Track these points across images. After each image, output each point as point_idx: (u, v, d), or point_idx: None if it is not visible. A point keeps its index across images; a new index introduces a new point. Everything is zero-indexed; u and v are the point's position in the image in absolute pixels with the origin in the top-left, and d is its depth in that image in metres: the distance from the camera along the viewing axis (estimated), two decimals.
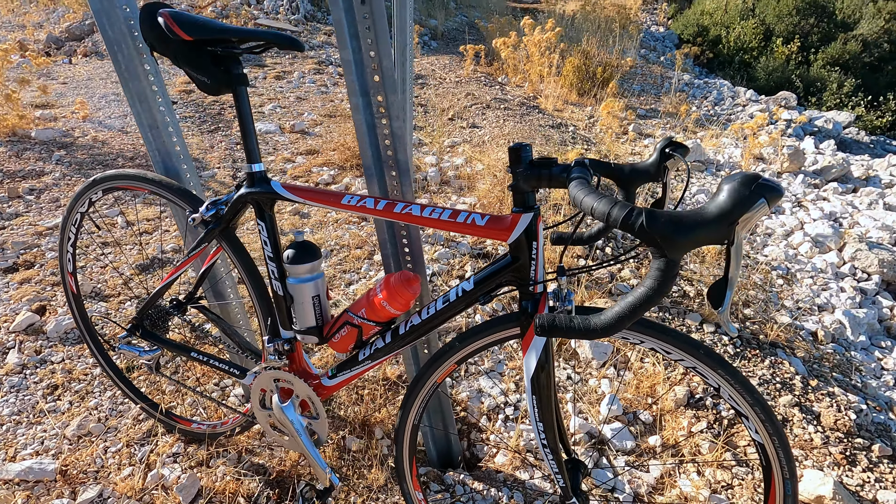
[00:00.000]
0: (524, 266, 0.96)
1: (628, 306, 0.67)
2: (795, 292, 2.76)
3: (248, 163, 1.15)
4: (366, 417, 1.69)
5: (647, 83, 7.58)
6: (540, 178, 0.90)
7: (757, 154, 4.85)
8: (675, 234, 0.62)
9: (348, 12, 1.03)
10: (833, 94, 8.74)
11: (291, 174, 3.54)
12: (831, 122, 6.43)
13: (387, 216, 1.04)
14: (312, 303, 1.18)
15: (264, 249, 1.20)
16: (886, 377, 2.24)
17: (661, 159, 1.00)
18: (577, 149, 4.37)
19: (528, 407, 1.03)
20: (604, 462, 1.67)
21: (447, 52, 7.81)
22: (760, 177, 0.60)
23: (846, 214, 3.73)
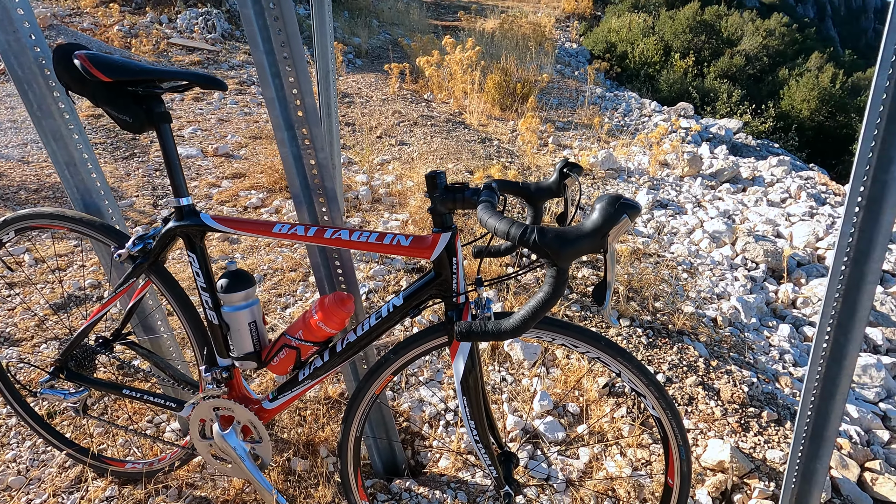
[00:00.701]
0: (447, 280, 1.07)
1: (531, 310, 0.80)
2: (698, 284, 3.09)
3: (176, 197, 1.18)
4: (310, 438, 1.72)
5: (563, 97, 8.09)
6: (454, 201, 1.01)
7: (662, 160, 5.34)
8: (561, 247, 0.75)
9: (269, 55, 1.10)
10: (724, 104, 9.75)
11: (217, 199, 3.46)
12: (723, 128, 7.20)
13: (318, 242, 1.11)
14: (249, 329, 1.21)
15: (196, 280, 1.22)
16: (773, 352, 2.58)
17: (561, 178, 1.16)
18: (502, 161, 4.60)
19: (460, 407, 1.13)
20: (538, 454, 1.81)
21: (372, 70, 7.91)
22: (622, 197, 0.75)
23: (737, 212, 4.21)
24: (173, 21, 7.67)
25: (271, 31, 1.08)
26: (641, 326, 2.44)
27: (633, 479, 1.71)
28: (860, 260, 1.21)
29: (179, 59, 6.81)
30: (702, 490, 1.67)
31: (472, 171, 4.07)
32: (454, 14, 13.37)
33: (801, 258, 3.54)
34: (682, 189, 4.73)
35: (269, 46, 1.09)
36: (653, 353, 2.28)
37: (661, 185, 4.80)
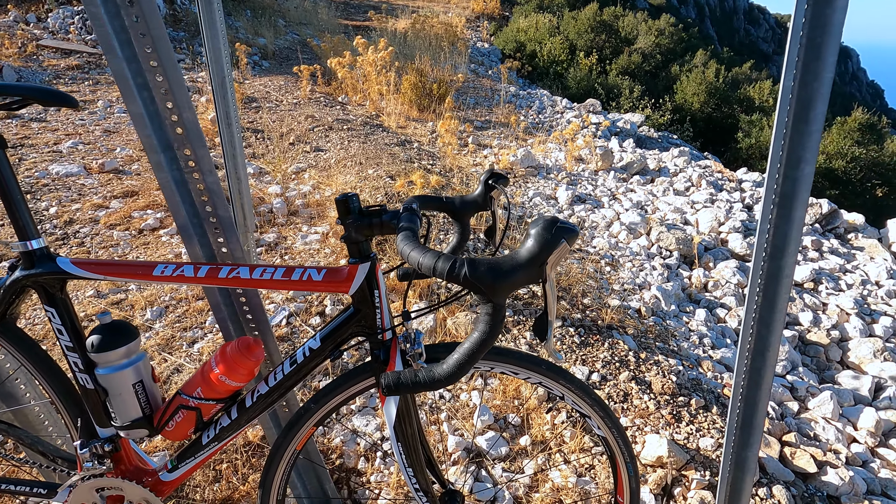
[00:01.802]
0: (369, 315, 0.94)
1: (466, 353, 0.69)
2: (621, 276, 3.19)
3: (22, 240, 0.95)
4: (228, 495, 1.51)
5: (479, 96, 8.16)
6: (371, 226, 0.89)
7: (577, 156, 5.52)
8: (494, 281, 0.65)
9: (132, 62, 0.90)
10: (627, 99, 10.37)
11: (105, 222, 3.05)
12: (629, 122, 7.63)
13: (211, 283, 0.94)
14: (134, 391, 1.01)
15: (59, 340, 1.00)
16: (693, 337, 2.71)
17: (486, 190, 1.07)
18: (423, 164, 4.51)
19: (395, 454, 1.01)
20: (483, 474, 1.73)
21: (281, 73, 7.49)
22: (558, 220, 0.66)
23: (649, 202, 4.44)
24: (43, 20, 6.78)
25: (132, 34, 0.89)
26: (573, 325, 2.45)
27: (580, 487, 1.68)
28: (776, 255, 1.24)
29: (53, 62, 6.02)
30: (644, 489, 1.68)
31: (392, 176, 3.93)
32: (364, 14, 13.10)
33: (707, 243, 3.78)
34: (598, 183, 4.91)
35: (131, 52, 0.90)
36: (586, 351, 2.29)
37: (579, 179, 4.96)
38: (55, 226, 2.99)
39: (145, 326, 2.22)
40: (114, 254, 2.78)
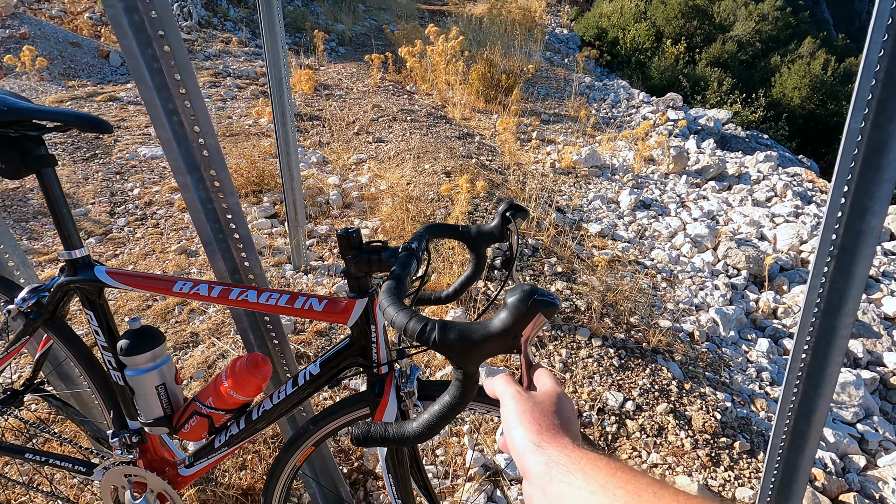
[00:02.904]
0: (366, 348, 0.94)
1: (435, 416, 0.68)
2: (677, 294, 3.00)
3: (66, 249, 1.04)
4: (250, 484, 1.61)
5: (551, 86, 7.90)
6: (370, 263, 0.89)
7: (647, 156, 5.21)
8: (465, 349, 0.63)
9: (161, 91, 0.95)
10: (714, 93, 9.59)
11: (179, 206, 3.30)
12: (713, 119, 7.06)
13: (222, 303, 0.99)
14: (157, 392, 1.09)
15: (97, 339, 1.10)
16: (750, 370, 2.49)
17: (504, 222, 1.03)
18: (482, 160, 4.46)
19: (386, 485, 1.02)
20: (497, 495, 1.71)
21: (355, 59, 7.67)
22: (537, 291, 0.62)
23: (721, 212, 4.11)
24: None
25: (163, 63, 0.94)
26: (614, 346, 2.34)
27: None
28: (831, 313, 1.10)
29: None
30: None
31: (448, 172, 3.92)
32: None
33: (784, 263, 3.45)
34: (667, 187, 4.61)
35: (161, 81, 0.95)
36: (624, 376, 2.18)
37: (646, 183, 4.68)
38: (137, 206, 3.29)
39: (200, 310, 2.39)
40: (182, 236, 3.01)
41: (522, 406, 0.49)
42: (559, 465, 0.39)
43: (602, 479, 0.36)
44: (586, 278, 2.85)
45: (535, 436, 0.43)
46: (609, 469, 0.37)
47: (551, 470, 0.40)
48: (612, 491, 0.35)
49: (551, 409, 0.49)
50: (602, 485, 0.36)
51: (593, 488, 0.36)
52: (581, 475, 0.37)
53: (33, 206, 3.15)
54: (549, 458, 0.41)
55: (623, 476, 0.36)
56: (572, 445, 0.42)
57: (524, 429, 0.45)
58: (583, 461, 0.39)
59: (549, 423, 0.45)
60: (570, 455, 0.40)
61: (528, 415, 0.47)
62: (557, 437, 0.43)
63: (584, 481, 0.37)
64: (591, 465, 0.38)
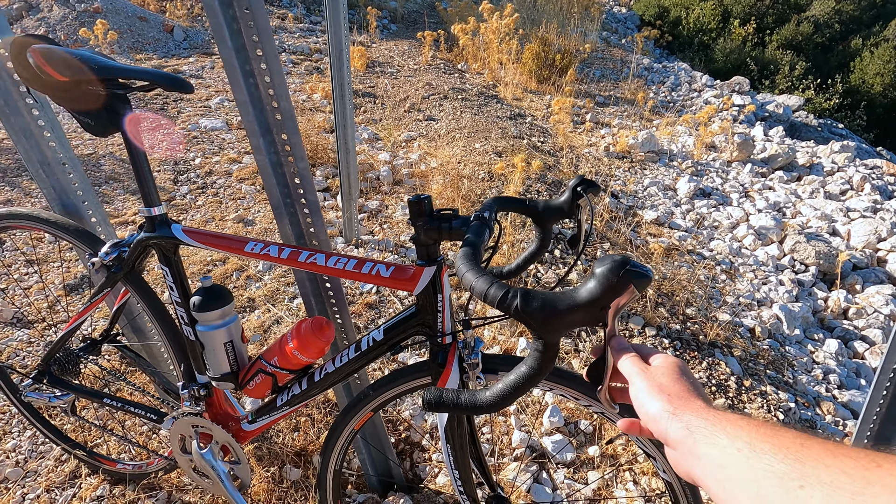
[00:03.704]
0: (431, 318, 0.94)
1: (511, 385, 0.66)
2: (737, 287, 2.85)
3: (147, 206, 1.08)
4: (303, 445, 1.66)
5: (606, 68, 7.60)
6: (440, 230, 0.87)
7: (709, 143, 4.94)
8: (548, 318, 0.61)
9: (240, 52, 0.96)
10: (785, 77, 8.96)
11: (237, 176, 3.41)
12: (782, 106, 6.61)
13: (291, 265, 1.00)
14: (225, 349, 1.13)
15: (171, 295, 1.14)
16: (816, 371, 2.34)
17: (574, 197, 0.99)
18: (533, 141, 4.35)
19: (444, 456, 1.02)
20: (543, 476, 1.70)
21: (406, 37, 7.62)
22: (629, 262, 0.59)
23: (789, 204, 3.85)
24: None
25: (242, 24, 0.94)
26: (669, 336, 2.25)
27: None
28: None
29: None
30: None
31: (499, 152, 3.86)
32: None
33: (858, 261, 3.21)
34: (729, 176, 4.36)
35: (240, 42, 0.95)
36: None
37: (706, 170, 4.45)
38: (198, 175, 3.42)
39: (257, 276, 2.47)
40: (240, 205, 3.11)
41: (651, 380, 0.50)
42: (700, 429, 0.40)
43: (746, 437, 0.36)
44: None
45: (669, 404, 0.45)
46: (751, 426, 0.37)
47: (693, 434, 0.40)
48: (758, 446, 0.35)
49: (677, 376, 0.49)
50: (748, 442, 0.36)
51: (739, 445, 0.36)
52: (724, 435, 0.38)
53: (105, 171, 3.32)
54: (689, 423, 0.41)
55: (766, 431, 0.36)
56: (707, 408, 0.43)
57: (657, 399, 0.46)
58: (723, 421, 0.39)
59: (678, 390, 0.46)
60: (709, 417, 0.41)
61: (657, 387, 0.48)
62: (691, 402, 0.44)
63: (729, 440, 0.37)
64: (731, 424, 0.38)
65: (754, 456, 0.34)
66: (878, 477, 0.27)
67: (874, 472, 0.28)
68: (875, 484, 0.27)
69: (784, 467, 0.32)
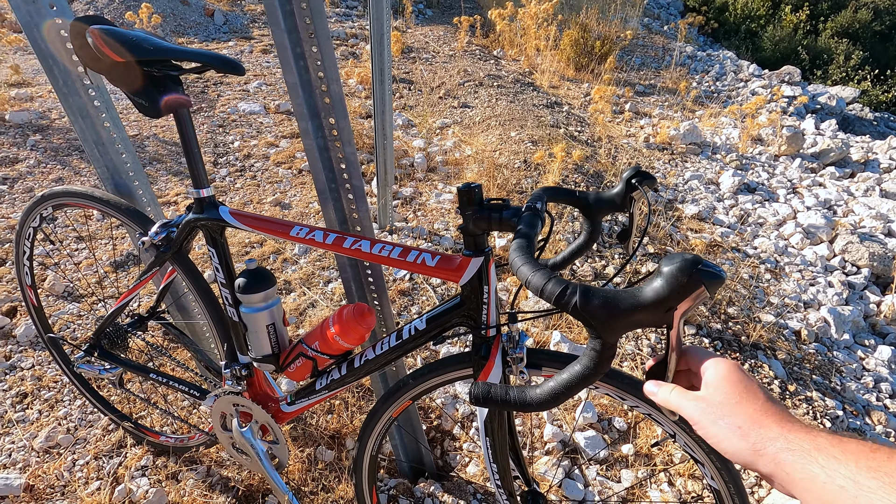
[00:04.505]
0: (476, 309, 0.92)
1: (563, 384, 0.64)
2: (782, 288, 2.73)
3: (196, 188, 1.10)
4: (337, 428, 1.68)
5: (647, 55, 7.35)
6: (490, 221, 0.85)
7: (755, 136, 4.73)
8: (609, 317, 0.58)
9: (292, 33, 0.95)
10: (839, 68, 8.48)
11: (274, 160, 3.45)
12: (835, 98, 6.26)
13: (335, 250, 1.00)
14: (267, 331, 1.14)
15: (217, 276, 1.16)
16: (866, 378, 2.23)
17: (628, 190, 0.95)
18: (570, 131, 4.26)
19: (483, 449, 1.01)
20: (575, 471, 1.68)
21: (442, 22, 7.53)
22: (700, 261, 0.55)
23: (841, 202, 3.66)
24: None
25: (294, 6, 0.93)
26: (709, 336, 2.18)
27: None
28: None
29: (252, 7, 6.80)
30: None
31: (535, 141, 3.79)
32: None
33: None
34: (776, 171, 4.17)
35: (293, 23, 0.94)
36: None
37: (751, 164, 4.27)
38: (237, 158, 3.48)
39: (293, 260, 2.51)
40: (277, 189, 3.15)
41: (709, 416, 0.45)
42: (789, 463, 0.37)
43: (845, 471, 0.34)
44: None
45: (744, 440, 0.41)
46: (847, 454, 0.34)
47: (783, 468, 0.37)
48: (864, 484, 0.32)
49: (739, 392, 0.45)
50: (851, 479, 0.33)
51: (841, 483, 0.33)
52: (819, 468, 0.35)
53: (149, 153, 3.42)
54: (774, 458, 0.38)
55: (867, 462, 0.33)
56: (787, 426, 0.39)
57: (727, 439, 0.43)
58: (812, 450, 0.36)
59: (748, 414, 0.42)
60: (793, 445, 0.37)
61: (720, 424, 0.44)
62: (766, 427, 0.40)
63: (827, 475, 0.34)
64: (822, 453, 0.36)
65: (864, 496, 0.32)
66: None
67: None
68: None
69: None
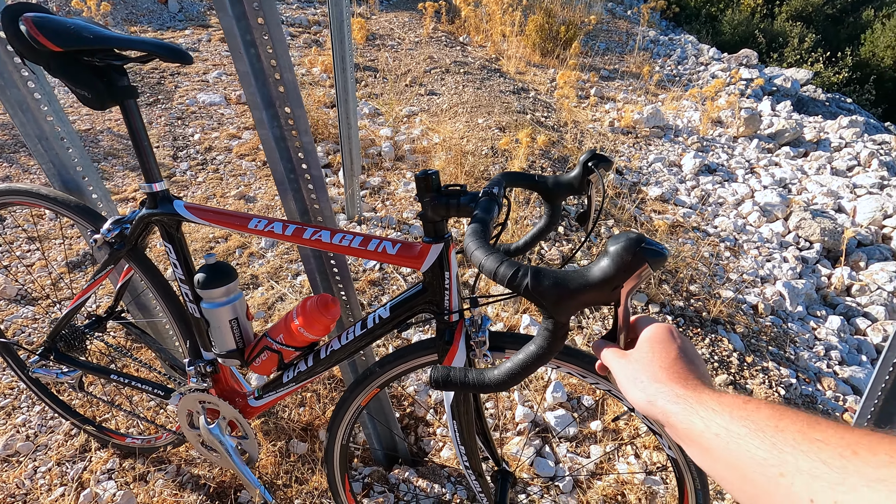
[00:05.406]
0: (438, 295, 0.93)
1: (519, 364, 0.65)
2: (741, 264, 2.84)
3: (147, 182, 1.06)
4: (309, 420, 1.68)
5: (612, 40, 7.43)
6: (448, 207, 0.86)
7: (715, 118, 4.86)
8: (560, 297, 0.60)
9: (241, 20, 0.92)
10: (794, 50, 8.77)
11: (237, 152, 3.37)
12: (790, 80, 6.48)
13: (296, 241, 0.99)
14: (230, 326, 1.12)
15: (175, 272, 1.13)
16: (818, 347, 2.35)
17: (585, 173, 0.97)
18: (537, 116, 4.28)
19: (450, 432, 1.02)
20: (546, 450, 1.72)
21: (407, 8, 7.43)
22: (644, 240, 0.57)
23: (795, 181, 3.81)
24: None
25: None
26: (672, 313, 2.26)
27: (647, 486, 1.61)
28: None
29: None
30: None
31: (502, 127, 3.80)
32: None
33: (863, 238, 3.19)
34: (735, 152, 4.31)
35: (241, 10, 0.92)
36: None
37: (712, 146, 4.39)
38: (198, 151, 3.37)
39: (260, 254, 2.46)
40: (241, 182, 3.08)
41: (624, 371, 0.51)
42: (676, 414, 0.42)
43: (721, 420, 0.37)
44: None
45: (643, 392, 0.46)
46: (723, 406, 0.38)
47: (669, 418, 0.42)
48: (735, 430, 0.36)
49: (655, 352, 0.50)
50: (725, 426, 0.37)
51: (716, 430, 0.37)
52: (699, 419, 0.39)
53: (103, 147, 3.28)
54: (664, 410, 0.43)
55: (740, 412, 0.37)
56: (680, 386, 0.44)
57: (630, 391, 0.49)
58: (694, 404, 0.41)
59: (652, 372, 0.47)
60: (680, 401, 0.42)
61: (629, 378, 0.50)
62: (665, 384, 0.45)
63: (705, 424, 0.39)
64: (703, 406, 0.40)
65: (733, 442, 0.35)
66: (855, 467, 0.28)
67: (851, 460, 0.28)
68: (853, 474, 0.27)
69: (763, 454, 0.32)
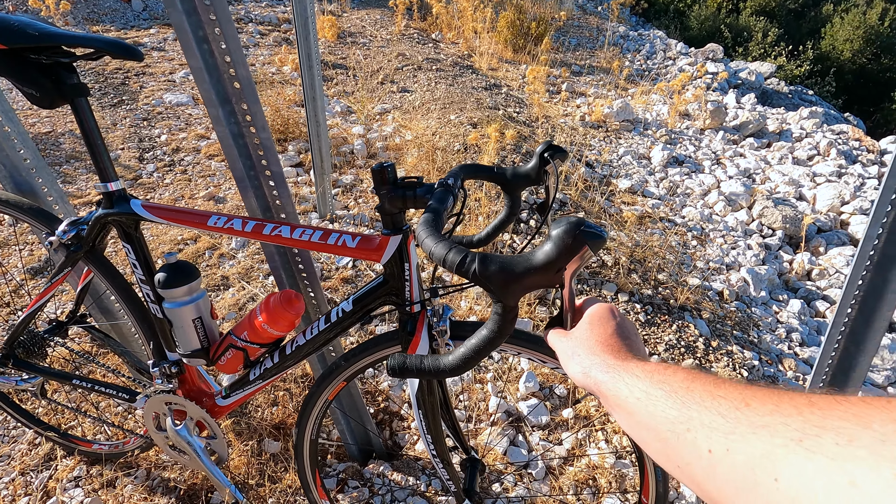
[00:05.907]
0: (399, 286, 0.94)
1: (472, 349, 0.67)
2: (707, 252, 2.92)
3: (102, 182, 1.05)
4: (282, 419, 1.67)
5: (582, 36, 7.52)
6: (405, 199, 0.87)
7: (683, 111, 4.98)
8: (506, 282, 0.61)
9: (191, 15, 0.92)
10: (758, 44, 9.01)
11: (206, 153, 3.31)
12: (754, 73, 6.66)
13: (256, 238, 0.98)
14: (194, 325, 1.11)
15: (135, 272, 1.12)
16: (780, 330, 2.44)
17: (542, 164, 0.99)
18: (509, 111, 4.32)
19: (416, 422, 1.04)
20: (520, 439, 1.75)
21: (378, 6, 7.38)
22: (584, 223, 0.59)
23: (758, 171, 3.93)
24: None
25: None
26: (641, 302, 2.31)
27: (617, 469, 1.65)
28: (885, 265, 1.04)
29: None
30: None
31: (474, 123, 3.82)
32: None
33: (822, 224, 3.31)
34: (702, 144, 4.42)
35: (191, 5, 0.91)
36: (650, 331, 2.16)
37: (680, 138, 4.49)
38: (164, 152, 3.31)
39: (230, 255, 2.43)
40: (210, 183, 3.03)
41: (564, 348, 0.55)
42: (604, 383, 0.44)
43: (642, 385, 0.40)
44: (615, 234, 2.79)
45: (579, 366, 0.49)
46: (646, 373, 0.41)
47: (599, 387, 0.45)
48: (653, 394, 0.38)
49: (592, 329, 0.53)
50: (644, 391, 0.39)
51: (638, 395, 0.40)
52: (624, 385, 0.42)
53: (65, 150, 3.19)
54: (595, 380, 0.46)
55: (659, 377, 0.39)
56: (611, 357, 0.47)
57: (568, 365, 0.52)
58: (622, 372, 0.43)
59: (589, 346, 0.51)
60: (609, 371, 0.45)
61: (568, 354, 0.53)
62: (598, 357, 0.48)
63: (629, 390, 0.41)
64: (629, 373, 0.42)
65: (651, 404, 0.37)
66: (745, 416, 0.29)
67: (743, 411, 0.30)
68: (742, 423, 0.29)
69: (674, 413, 0.34)
